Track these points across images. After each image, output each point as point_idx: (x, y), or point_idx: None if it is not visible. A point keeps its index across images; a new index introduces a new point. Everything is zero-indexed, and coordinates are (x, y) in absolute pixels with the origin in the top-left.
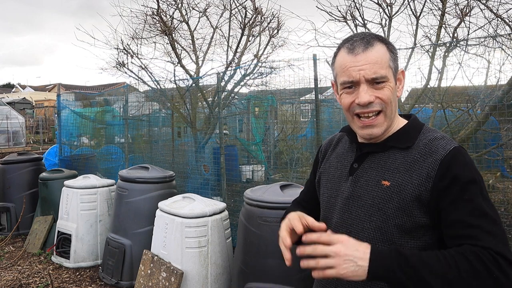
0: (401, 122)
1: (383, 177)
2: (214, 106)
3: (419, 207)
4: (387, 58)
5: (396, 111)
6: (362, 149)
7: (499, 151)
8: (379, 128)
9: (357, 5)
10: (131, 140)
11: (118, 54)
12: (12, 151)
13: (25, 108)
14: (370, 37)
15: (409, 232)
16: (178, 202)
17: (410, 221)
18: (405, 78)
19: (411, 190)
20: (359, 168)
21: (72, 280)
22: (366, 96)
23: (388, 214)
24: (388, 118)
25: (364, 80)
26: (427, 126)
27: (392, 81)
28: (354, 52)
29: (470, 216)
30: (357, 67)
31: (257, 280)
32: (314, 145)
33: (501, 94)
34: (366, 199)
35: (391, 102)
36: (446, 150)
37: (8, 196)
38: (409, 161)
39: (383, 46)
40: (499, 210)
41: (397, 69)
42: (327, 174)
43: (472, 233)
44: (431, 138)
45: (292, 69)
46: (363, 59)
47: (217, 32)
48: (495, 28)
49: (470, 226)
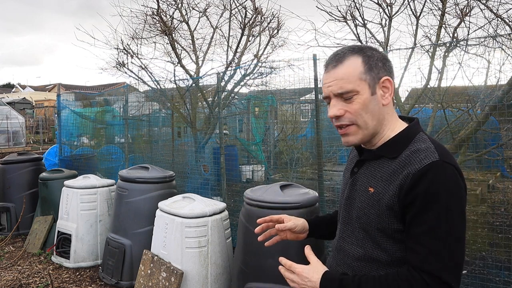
0: (399, 127)
1: (370, 183)
2: (214, 106)
3: (394, 216)
4: (358, 71)
5: (384, 118)
6: (361, 155)
7: (499, 151)
8: (354, 136)
9: (357, 5)
10: (131, 140)
11: (118, 54)
12: (12, 151)
13: (25, 108)
14: (342, 53)
15: (391, 236)
16: (178, 202)
17: (389, 227)
18: (393, 85)
19: (387, 199)
20: (358, 172)
21: (72, 280)
22: (333, 110)
23: (371, 219)
24: (363, 128)
25: (332, 95)
26: (422, 134)
27: (365, 93)
28: (326, 70)
29: (423, 235)
30: (327, 84)
31: (257, 280)
32: (314, 145)
33: (501, 94)
34: (357, 202)
35: (360, 114)
36: (421, 164)
37: (8, 196)
38: (390, 171)
39: (356, 59)
40: (499, 210)
41: (378, 78)
42: (343, 175)
43: (419, 251)
44: (414, 149)
45: (292, 69)
46: (332, 76)
47: (217, 32)
48: (495, 28)
49: (420, 244)
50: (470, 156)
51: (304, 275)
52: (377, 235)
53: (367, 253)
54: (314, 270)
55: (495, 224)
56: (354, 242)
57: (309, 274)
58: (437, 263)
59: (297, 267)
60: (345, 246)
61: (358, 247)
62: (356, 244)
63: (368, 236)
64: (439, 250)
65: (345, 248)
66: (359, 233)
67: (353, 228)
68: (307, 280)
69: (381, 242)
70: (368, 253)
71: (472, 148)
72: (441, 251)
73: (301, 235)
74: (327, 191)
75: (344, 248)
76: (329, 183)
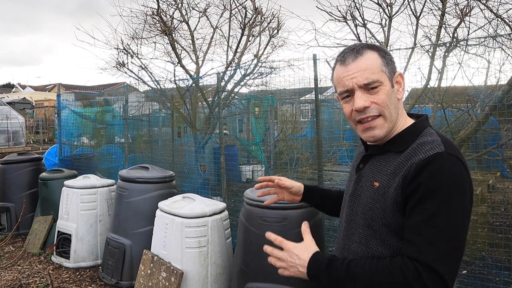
0: (407, 123)
1: (375, 178)
2: (214, 106)
3: (398, 209)
4: (379, 63)
5: (399, 113)
6: (367, 151)
7: (499, 151)
8: (380, 129)
9: (357, 5)
10: (131, 140)
11: (118, 54)
12: (12, 151)
13: (25, 108)
14: (360, 47)
15: (396, 233)
16: (178, 202)
17: (394, 222)
18: (404, 80)
19: (391, 192)
20: (363, 168)
21: (72, 280)
22: (360, 101)
23: (376, 214)
24: (389, 120)
25: (357, 87)
26: (430, 129)
27: (387, 84)
28: (345, 63)
29: (421, 224)
30: (349, 76)
31: (257, 280)
32: (314, 145)
33: (501, 94)
34: (363, 198)
35: (387, 105)
36: (426, 155)
37: (8, 196)
38: (396, 164)
39: (373, 53)
40: (499, 210)
41: (394, 72)
42: (350, 172)
43: (415, 240)
44: (421, 142)
45: (292, 69)
46: (354, 68)
47: (217, 32)
48: (495, 28)
49: (417, 233)
50: (470, 156)
51: (295, 252)
52: (383, 232)
53: (370, 250)
54: (305, 248)
55: (495, 224)
56: (357, 240)
57: (300, 252)
58: (432, 253)
59: (288, 243)
60: (350, 245)
61: (361, 245)
62: (359, 242)
63: (373, 233)
64: (436, 240)
65: (350, 247)
66: (363, 230)
67: (356, 225)
68: (296, 258)
69: (386, 239)
70: (371, 250)
71: (472, 148)
72: (438, 241)
73: (297, 197)
74: None
75: (348, 247)
76: (329, 183)
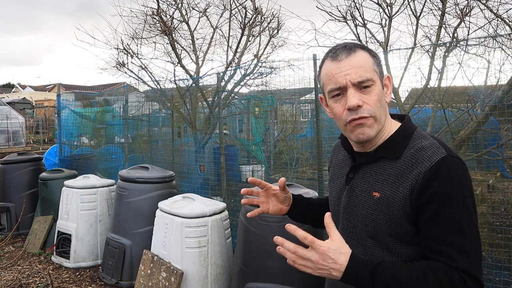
0: (393, 126)
1: (374, 188)
2: (214, 106)
3: (407, 219)
4: (371, 62)
5: (387, 116)
6: (356, 159)
7: (499, 151)
8: (370, 129)
9: (357, 5)
10: (131, 140)
11: (118, 54)
12: (12, 151)
13: (25, 108)
14: (351, 45)
15: (403, 241)
16: (178, 202)
17: (401, 231)
18: (392, 84)
19: (398, 203)
20: (354, 178)
21: (72, 280)
22: (354, 99)
23: (381, 224)
24: (378, 122)
25: (350, 84)
26: (418, 130)
27: (379, 84)
28: (338, 59)
29: (447, 233)
30: (342, 73)
31: (257, 280)
32: (314, 145)
33: (501, 94)
34: (361, 209)
35: (378, 106)
36: (431, 161)
37: (8, 196)
38: (396, 172)
39: (365, 52)
40: (499, 210)
41: (383, 74)
42: (332, 181)
43: (446, 251)
44: (418, 147)
45: (292, 69)
46: (347, 64)
47: (217, 32)
48: (495, 28)
49: (445, 243)
50: (470, 156)
51: (330, 255)
52: (389, 242)
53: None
54: (339, 251)
55: (495, 224)
56: (362, 251)
57: (335, 256)
58: (467, 260)
59: (321, 245)
60: None
61: (365, 256)
62: (364, 254)
63: (378, 243)
64: (466, 247)
65: None
66: (367, 241)
67: (358, 238)
68: (331, 262)
69: (393, 247)
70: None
71: (472, 148)
72: (468, 247)
73: (285, 207)
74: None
75: None
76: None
